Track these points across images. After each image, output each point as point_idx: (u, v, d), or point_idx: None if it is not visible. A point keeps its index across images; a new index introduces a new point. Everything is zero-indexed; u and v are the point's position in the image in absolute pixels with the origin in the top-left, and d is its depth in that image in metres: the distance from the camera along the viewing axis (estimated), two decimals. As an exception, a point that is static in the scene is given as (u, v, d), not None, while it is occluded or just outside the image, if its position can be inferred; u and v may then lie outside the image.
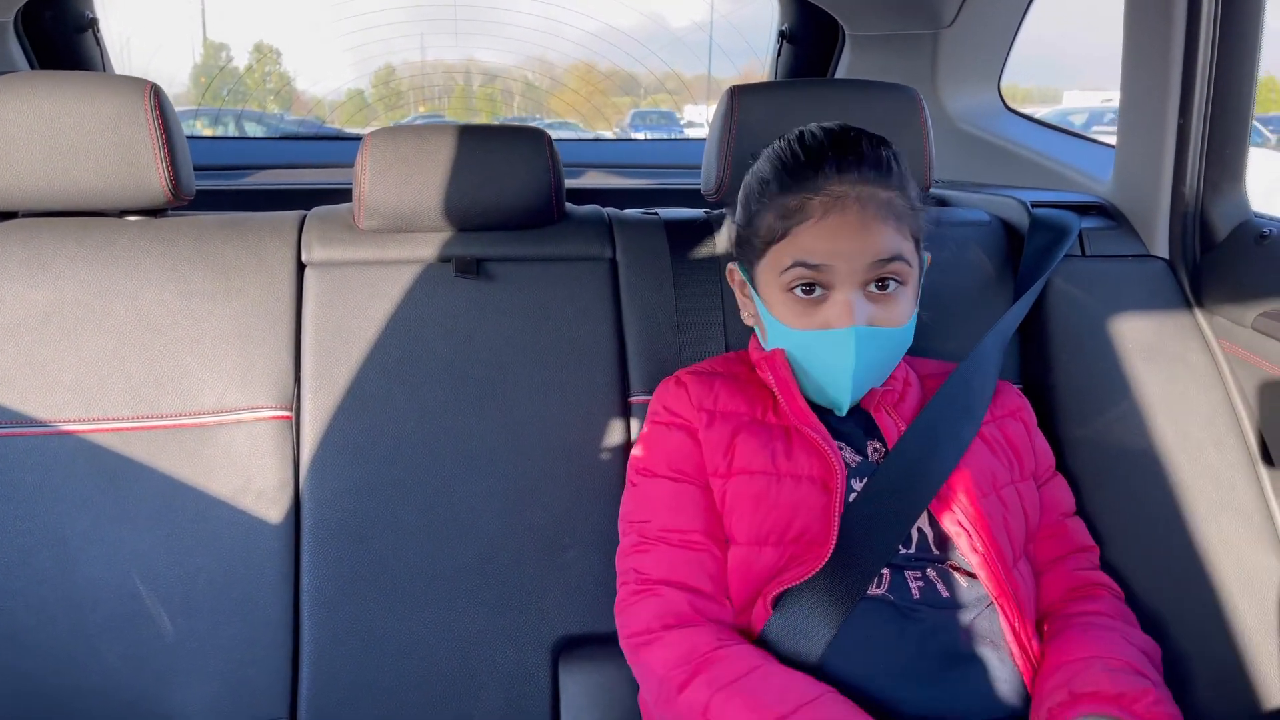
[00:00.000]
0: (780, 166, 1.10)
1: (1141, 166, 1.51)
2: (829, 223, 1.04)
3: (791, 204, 1.07)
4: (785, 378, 1.12)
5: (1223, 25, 1.33)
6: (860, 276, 1.04)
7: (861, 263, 1.03)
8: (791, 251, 1.06)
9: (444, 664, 1.24)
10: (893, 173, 1.08)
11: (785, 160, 1.10)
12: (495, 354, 1.33)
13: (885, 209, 1.05)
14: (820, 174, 1.06)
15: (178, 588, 1.22)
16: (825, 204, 1.05)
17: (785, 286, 1.07)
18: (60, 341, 1.26)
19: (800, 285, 1.06)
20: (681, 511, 1.10)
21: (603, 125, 5.65)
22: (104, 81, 1.29)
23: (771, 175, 1.10)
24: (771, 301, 1.10)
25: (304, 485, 1.27)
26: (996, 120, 2.18)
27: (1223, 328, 1.37)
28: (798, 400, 1.11)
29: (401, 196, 1.35)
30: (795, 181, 1.07)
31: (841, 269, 1.04)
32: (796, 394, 1.11)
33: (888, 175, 1.07)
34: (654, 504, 1.11)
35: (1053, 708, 0.95)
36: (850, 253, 1.03)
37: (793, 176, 1.08)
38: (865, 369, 1.06)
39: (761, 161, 1.14)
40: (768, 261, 1.10)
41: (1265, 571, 1.25)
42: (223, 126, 4.88)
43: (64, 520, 1.22)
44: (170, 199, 1.32)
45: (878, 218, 1.04)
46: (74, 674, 1.20)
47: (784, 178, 1.08)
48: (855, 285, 1.04)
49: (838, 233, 1.04)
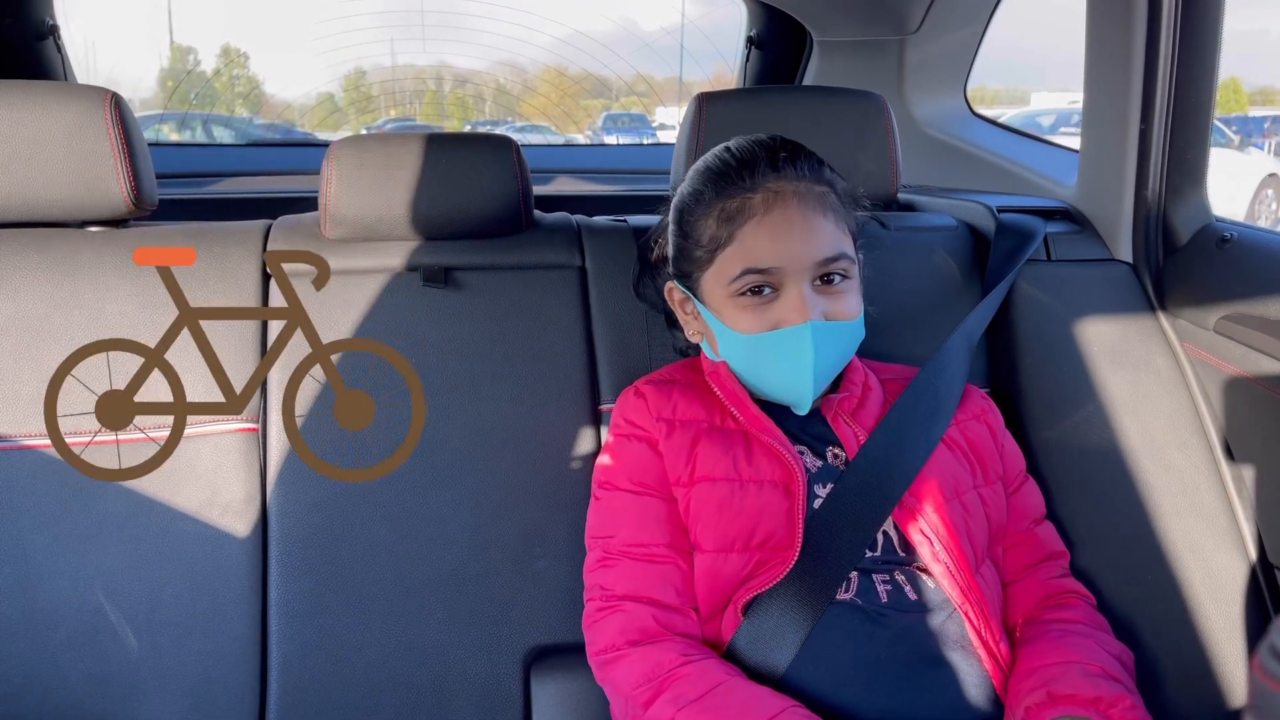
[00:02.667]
0: (713, 176, 1.10)
1: (1104, 171, 1.53)
2: (772, 219, 1.05)
3: (731, 205, 1.07)
4: (733, 389, 1.13)
5: (1182, 32, 1.35)
6: (809, 274, 1.05)
7: (809, 259, 1.04)
8: (739, 257, 1.06)
9: (415, 675, 1.23)
10: (823, 170, 1.10)
11: (716, 169, 1.11)
12: (464, 363, 1.33)
13: (822, 203, 1.07)
14: (756, 173, 1.07)
15: (142, 603, 1.21)
16: (766, 200, 1.06)
17: (735, 292, 1.07)
18: (20, 355, 1.25)
19: (750, 288, 1.06)
20: (645, 526, 1.10)
21: (574, 129, 5.66)
22: (63, 91, 1.28)
23: (705, 184, 1.11)
24: (720, 309, 1.10)
25: (271, 498, 1.25)
26: (963, 125, 2.20)
27: (1185, 330, 1.39)
28: (750, 408, 1.11)
29: (368, 205, 1.34)
30: (731, 184, 1.08)
31: (790, 269, 1.04)
32: (748, 402, 1.12)
33: (820, 171, 1.09)
34: (617, 518, 1.11)
35: (1030, 707, 0.96)
36: (797, 251, 1.04)
37: (728, 180, 1.08)
38: (823, 363, 1.07)
39: (688, 181, 1.15)
40: (714, 271, 1.09)
41: (1229, 572, 1.27)
42: (190, 131, 4.83)
43: (25, 536, 1.20)
44: (132, 209, 1.31)
45: (818, 211, 1.06)
46: (37, 693, 1.18)
47: (719, 183, 1.09)
48: (805, 281, 1.05)
49: (781, 230, 1.05)
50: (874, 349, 1.22)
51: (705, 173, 1.12)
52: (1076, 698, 0.96)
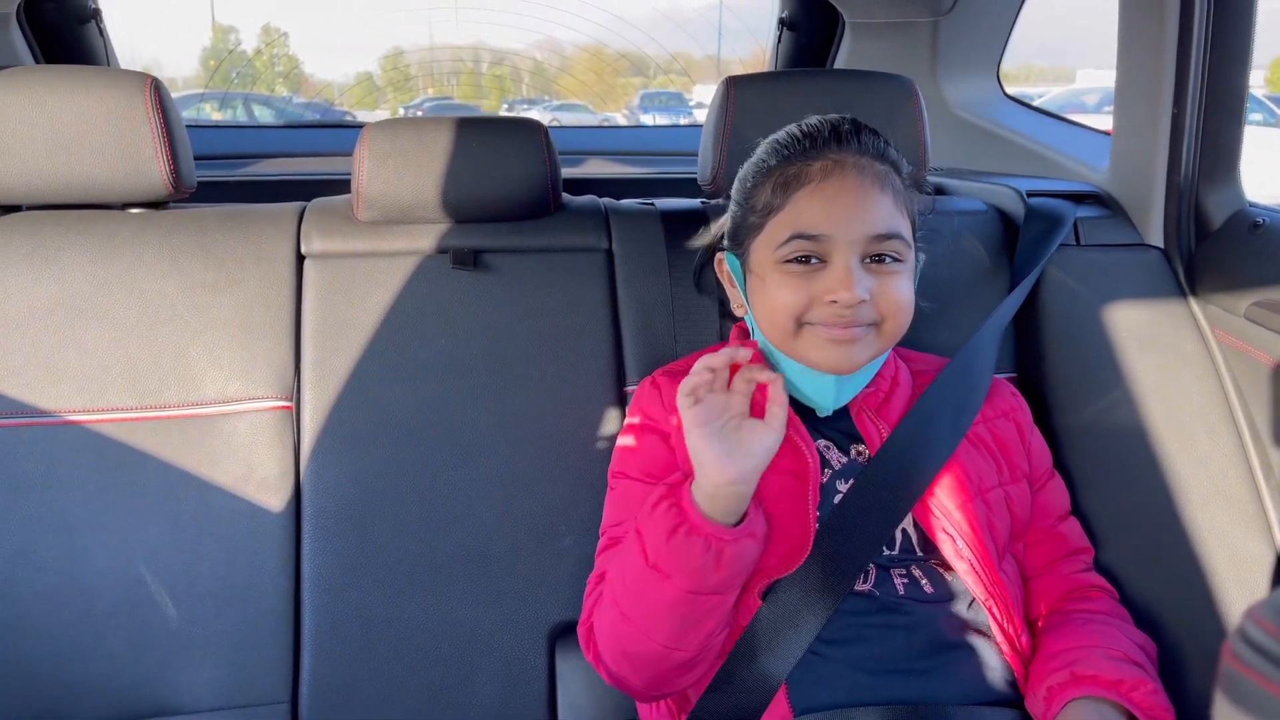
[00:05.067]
0: (778, 146, 1.09)
1: (1137, 156, 1.51)
2: (828, 187, 1.02)
3: (790, 172, 1.05)
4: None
5: (1216, 15, 1.33)
6: (859, 248, 1.01)
7: (861, 233, 1.00)
8: (789, 222, 1.03)
9: (442, 650, 1.27)
10: (889, 150, 1.08)
11: (783, 140, 1.09)
12: (492, 345, 1.35)
13: (883, 180, 1.04)
14: (818, 144, 1.05)
15: (181, 575, 1.25)
16: (824, 168, 1.03)
17: (782, 259, 1.03)
18: (64, 333, 1.29)
19: (797, 257, 1.03)
20: None
21: (612, 107, 5.65)
22: (104, 76, 1.31)
23: (769, 154, 1.09)
24: (766, 277, 1.06)
25: (304, 474, 1.29)
26: (995, 108, 2.17)
27: (1216, 316, 1.38)
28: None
29: (399, 188, 1.37)
30: (793, 154, 1.06)
31: (840, 239, 1.00)
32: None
33: (885, 150, 1.07)
34: (626, 509, 1.12)
35: (1052, 686, 0.97)
36: (849, 220, 1.00)
37: (791, 151, 1.07)
38: (848, 387, 1.07)
39: (759, 151, 1.13)
40: (764, 237, 1.06)
41: (1256, 559, 1.26)
42: (231, 109, 4.89)
43: (69, 509, 1.24)
44: (171, 191, 1.34)
45: (876, 186, 1.03)
46: (80, 660, 1.22)
47: (782, 153, 1.07)
48: (854, 255, 1.01)
49: (836, 199, 1.02)
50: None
51: (772, 144, 1.10)
52: (1099, 679, 0.96)
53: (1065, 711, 0.95)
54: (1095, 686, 0.96)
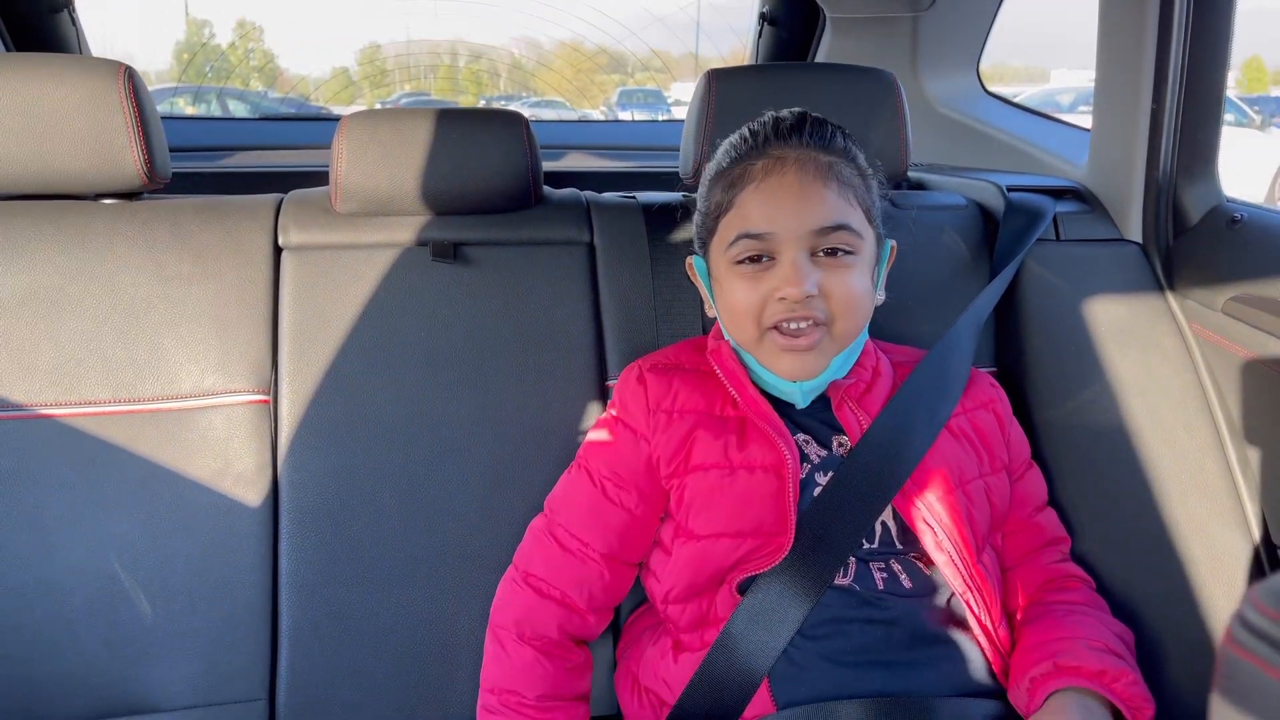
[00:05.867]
0: (730, 147, 1.11)
1: (1115, 151, 1.52)
2: (768, 185, 1.04)
3: (735, 172, 1.07)
4: (733, 369, 1.12)
5: (1195, 11, 1.34)
6: (806, 243, 1.02)
7: (804, 227, 1.02)
8: (736, 223, 1.05)
9: (422, 646, 1.25)
10: (836, 140, 1.08)
11: (734, 142, 1.11)
12: (472, 338, 1.34)
13: (826, 172, 1.04)
14: (759, 142, 1.07)
15: (156, 571, 1.23)
16: (766, 166, 1.05)
17: (733, 260, 1.06)
18: (36, 325, 1.26)
19: (747, 256, 1.05)
20: (592, 526, 1.12)
21: (589, 104, 5.63)
22: (77, 64, 1.29)
23: (724, 155, 1.11)
24: (723, 278, 1.09)
25: (282, 468, 1.27)
26: (975, 103, 2.19)
27: (1194, 311, 1.39)
28: (748, 391, 1.10)
29: (378, 180, 1.35)
30: (741, 154, 1.08)
31: (784, 235, 1.02)
32: (748, 384, 1.11)
33: (830, 141, 1.07)
34: (575, 503, 1.14)
35: (1035, 677, 0.98)
36: (789, 216, 1.02)
37: (739, 151, 1.09)
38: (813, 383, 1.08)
39: (718, 153, 1.15)
40: (717, 238, 1.09)
41: (1232, 552, 1.27)
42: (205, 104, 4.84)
43: (41, 504, 1.22)
44: (145, 182, 1.32)
45: (818, 180, 1.04)
46: (53, 657, 1.20)
47: (732, 154, 1.10)
48: (800, 250, 1.02)
49: (776, 195, 1.03)
50: (881, 328, 1.22)
51: (726, 144, 1.12)
52: (1082, 670, 0.97)
53: (1049, 702, 0.96)
54: (1078, 677, 0.97)
